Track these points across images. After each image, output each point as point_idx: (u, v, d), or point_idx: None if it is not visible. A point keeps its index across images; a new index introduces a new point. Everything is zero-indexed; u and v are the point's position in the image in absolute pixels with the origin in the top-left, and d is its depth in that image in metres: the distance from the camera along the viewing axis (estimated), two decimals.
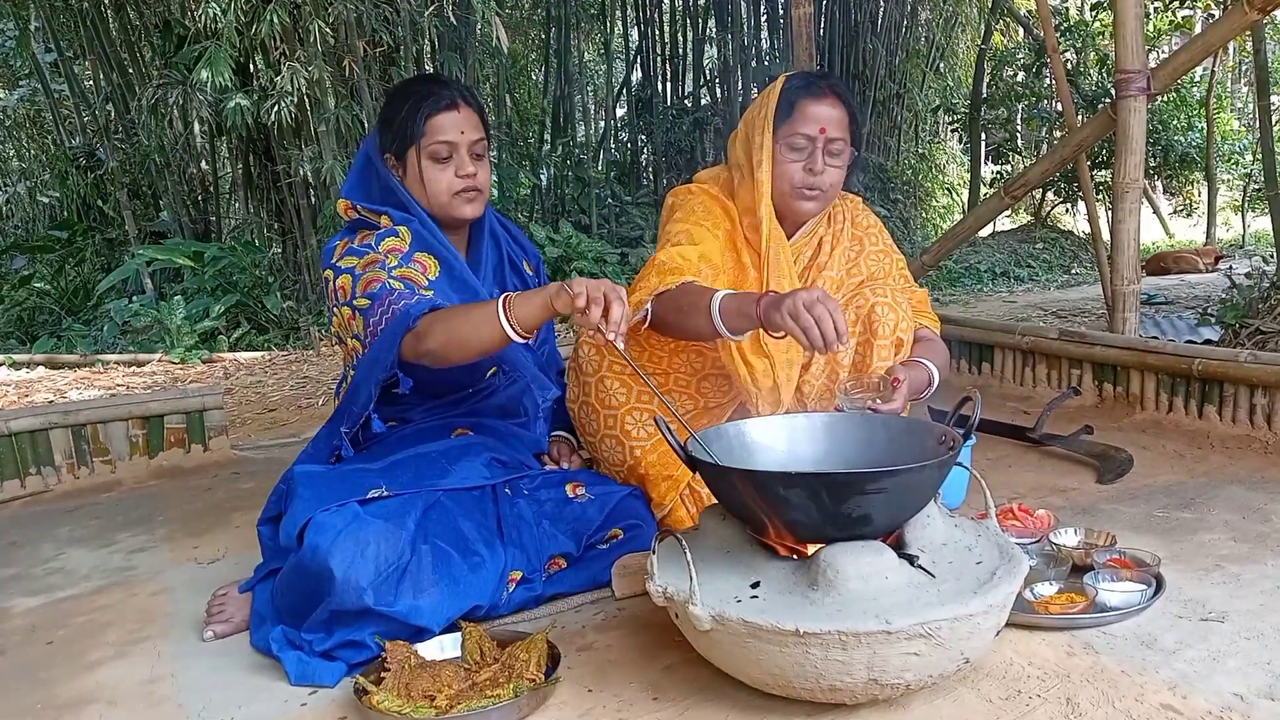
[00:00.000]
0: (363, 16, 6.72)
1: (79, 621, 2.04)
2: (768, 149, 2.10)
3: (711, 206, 2.18)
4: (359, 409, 1.96)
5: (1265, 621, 1.68)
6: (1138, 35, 3.62)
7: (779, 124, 2.10)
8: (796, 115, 2.08)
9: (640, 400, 2.15)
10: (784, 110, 2.10)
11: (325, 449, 2.05)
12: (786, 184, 2.11)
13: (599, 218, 9.51)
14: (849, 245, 2.26)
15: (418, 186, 2.07)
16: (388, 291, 1.91)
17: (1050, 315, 6.25)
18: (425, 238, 2.06)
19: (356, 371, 1.98)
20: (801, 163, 2.09)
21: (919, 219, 11.61)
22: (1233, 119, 13.43)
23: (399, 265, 1.98)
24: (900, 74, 11.06)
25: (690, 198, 2.21)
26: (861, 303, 2.11)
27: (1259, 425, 2.79)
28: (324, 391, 4.85)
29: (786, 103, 2.10)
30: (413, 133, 2.04)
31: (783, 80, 2.15)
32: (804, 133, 2.08)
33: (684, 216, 2.16)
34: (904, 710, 1.46)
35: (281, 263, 7.99)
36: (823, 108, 2.08)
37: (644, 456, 2.13)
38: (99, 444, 3.16)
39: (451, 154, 2.05)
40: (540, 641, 1.63)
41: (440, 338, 1.79)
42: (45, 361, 6.21)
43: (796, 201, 2.13)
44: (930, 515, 1.59)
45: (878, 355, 2.09)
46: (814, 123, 2.07)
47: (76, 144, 9.31)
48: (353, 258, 2.00)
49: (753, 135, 2.13)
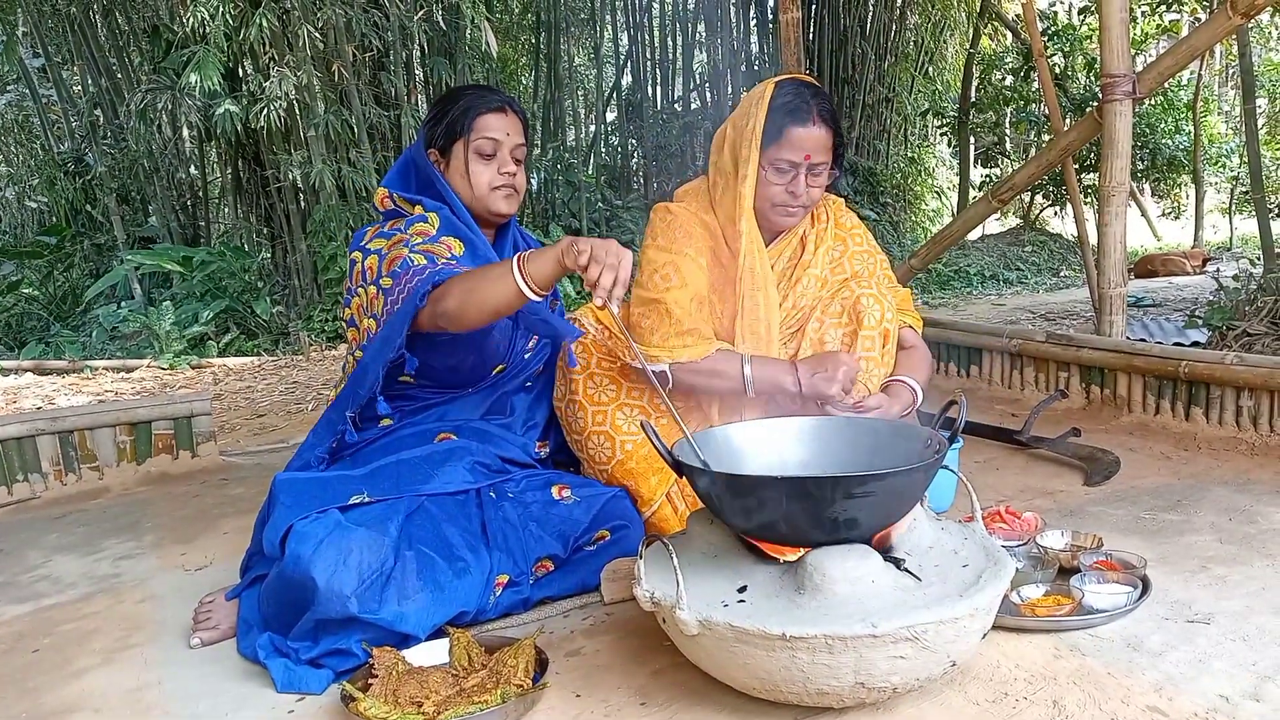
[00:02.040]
0: (352, 21, 6.73)
1: (66, 629, 2.03)
2: (753, 165, 2.11)
3: (692, 229, 2.19)
4: (365, 390, 1.96)
5: (1251, 623, 1.69)
6: (1123, 39, 3.63)
7: (765, 144, 2.11)
8: (784, 141, 2.09)
9: (630, 396, 2.17)
10: (771, 133, 2.11)
11: (328, 435, 2.04)
12: (767, 203, 2.14)
13: (589, 221, 9.51)
14: (833, 244, 2.28)
15: (460, 179, 2.15)
16: (406, 269, 1.93)
17: (1039, 318, 6.27)
18: (454, 223, 2.12)
19: (366, 352, 1.99)
20: (784, 185, 2.12)
21: (908, 222, 11.64)
22: (1219, 122, 13.50)
23: (424, 243, 2.01)
24: (889, 78, 11.11)
25: (671, 219, 2.21)
26: (847, 295, 2.17)
27: (1245, 427, 2.81)
28: (314, 397, 4.84)
29: (775, 126, 2.10)
30: (462, 127, 2.13)
31: (771, 90, 2.14)
32: (789, 159, 2.10)
33: (666, 244, 2.17)
34: (891, 713, 1.46)
35: (271, 268, 7.98)
36: (809, 134, 2.10)
37: (634, 451, 2.14)
38: (87, 450, 3.14)
39: (496, 151, 2.15)
40: (528, 647, 1.63)
41: (458, 298, 1.81)
42: (33, 368, 6.18)
43: (775, 217, 2.17)
44: (916, 518, 1.59)
45: (862, 345, 2.13)
46: (799, 150, 2.09)
47: (65, 149, 9.28)
48: (381, 240, 2.05)
49: (739, 148, 2.14)
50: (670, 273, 2.12)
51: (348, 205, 7.01)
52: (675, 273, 2.12)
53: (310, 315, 7.10)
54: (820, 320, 2.17)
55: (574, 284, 7.90)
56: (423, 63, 7.95)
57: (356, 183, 6.94)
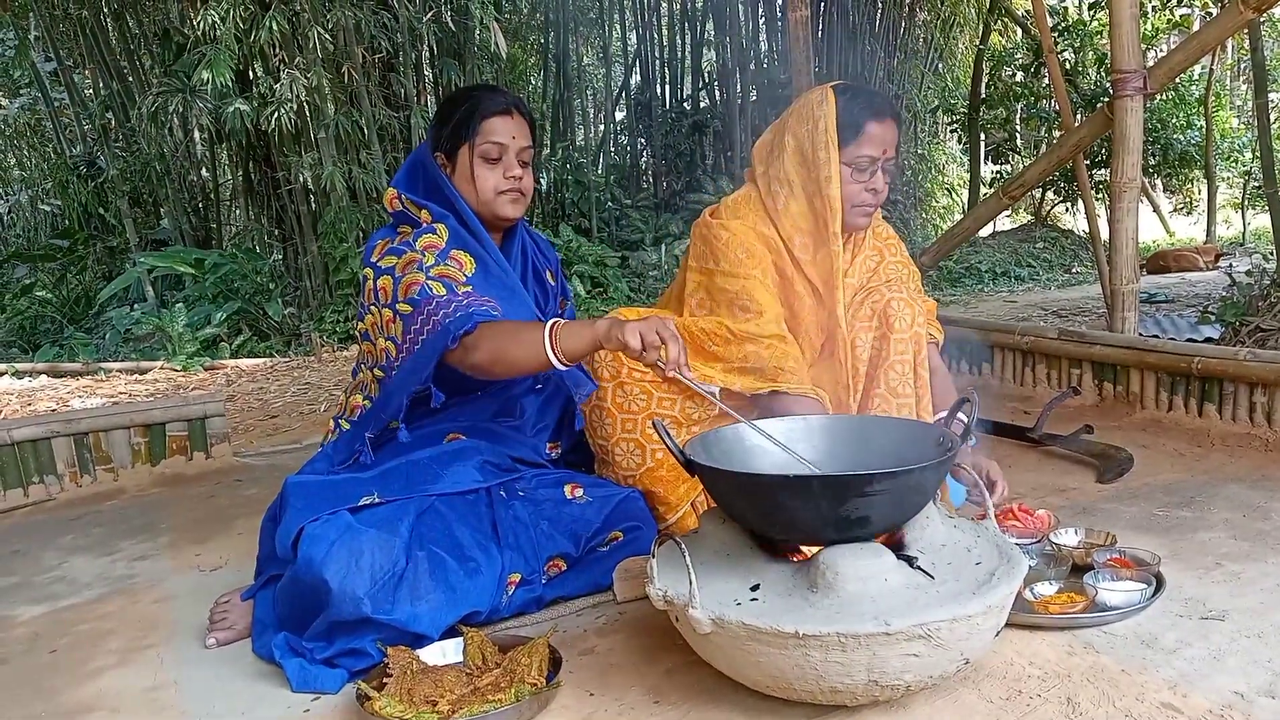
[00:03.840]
0: (361, 23, 6.74)
1: (82, 630, 2.05)
2: (835, 166, 2.11)
3: (753, 246, 2.18)
4: (388, 416, 1.99)
5: (1266, 620, 1.68)
6: (1134, 35, 3.62)
7: (844, 144, 2.12)
8: (864, 138, 2.11)
9: (662, 406, 2.15)
10: (849, 130, 2.11)
11: (346, 451, 2.06)
12: (847, 204, 2.14)
13: (599, 221, 9.52)
14: (870, 254, 2.28)
15: (465, 184, 2.13)
16: (428, 299, 1.93)
17: (1050, 315, 6.25)
18: (463, 235, 2.11)
19: (392, 380, 2.01)
20: (864, 183, 2.13)
21: (919, 219, 11.60)
22: (1231, 117, 13.42)
23: (436, 263, 2.01)
24: (899, 75, 11.06)
25: (729, 237, 2.19)
26: (878, 299, 2.16)
27: (1259, 423, 2.79)
28: (326, 398, 4.85)
29: (852, 123, 2.11)
30: (467, 131, 2.11)
31: (832, 96, 2.14)
32: (869, 154, 2.11)
33: (731, 269, 2.16)
34: (904, 711, 1.46)
35: (282, 269, 8.01)
36: (887, 128, 2.12)
37: (665, 459, 2.13)
38: (101, 452, 3.16)
39: (501, 155, 2.12)
40: (541, 646, 1.63)
41: (488, 354, 1.84)
42: (47, 370, 6.22)
43: (854, 219, 2.17)
44: (929, 516, 1.59)
45: (895, 350, 2.11)
46: (880, 145, 2.11)
47: (77, 152, 9.33)
48: (392, 257, 2.04)
49: (815, 152, 2.13)
50: (748, 304, 2.12)
51: (358, 206, 7.03)
52: (753, 304, 2.12)
53: (322, 317, 7.12)
54: (850, 325, 2.17)
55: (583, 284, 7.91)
56: (432, 64, 7.97)
57: (367, 184, 6.96)
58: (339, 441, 2.11)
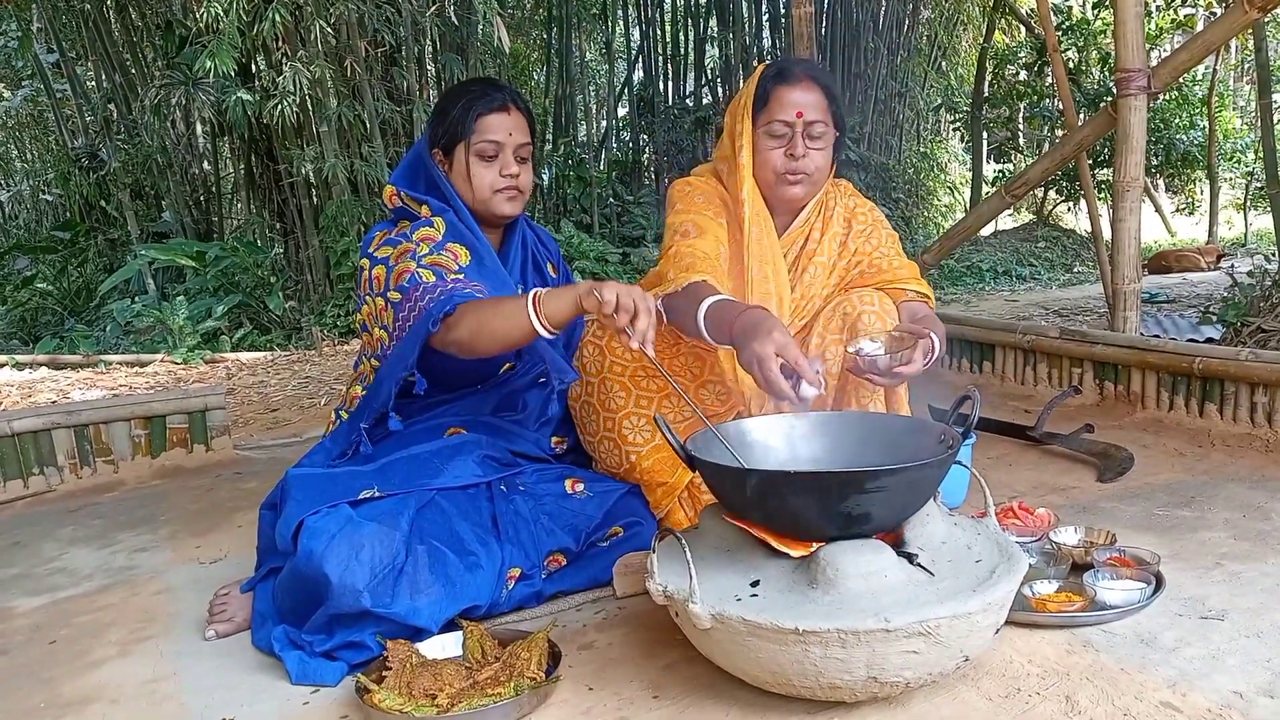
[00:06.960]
0: (364, 16, 6.73)
1: (82, 621, 2.05)
2: (747, 135, 2.14)
3: (711, 195, 2.22)
4: (379, 405, 1.98)
5: (1265, 619, 1.68)
6: (1138, 34, 3.62)
7: (757, 112, 2.14)
8: (773, 103, 2.12)
9: (639, 405, 2.14)
10: (760, 100, 2.14)
11: (345, 441, 2.06)
12: (770, 171, 2.14)
13: (601, 217, 9.52)
14: (839, 230, 2.27)
15: (462, 182, 2.11)
16: (415, 285, 1.92)
17: (1052, 314, 6.25)
18: (460, 229, 2.10)
19: (382, 367, 2.00)
20: (782, 148, 2.12)
21: (921, 218, 11.60)
22: (1234, 117, 13.42)
23: (430, 253, 2.00)
24: (902, 73, 11.06)
25: (690, 188, 2.25)
26: (849, 309, 2.11)
27: (1260, 424, 2.79)
28: (326, 391, 4.85)
29: (762, 91, 2.14)
30: (463, 130, 2.09)
31: (760, 69, 2.20)
32: (781, 119, 2.11)
33: (686, 207, 2.19)
34: (904, 708, 1.46)
35: (284, 263, 8.00)
36: (796, 93, 2.11)
37: (639, 462, 2.12)
38: (101, 444, 3.16)
39: (498, 153, 2.10)
40: (541, 640, 1.63)
41: (470, 328, 1.80)
42: (48, 362, 6.22)
43: (782, 187, 2.15)
44: (930, 514, 1.59)
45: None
46: (790, 108, 2.10)
47: (79, 144, 9.33)
48: (388, 248, 2.03)
49: (734, 125, 2.17)
50: (690, 230, 2.12)
51: (360, 200, 7.03)
52: (695, 229, 2.12)
53: (322, 310, 7.12)
54: (822, 335, 2.14)
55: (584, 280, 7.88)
56: (435, 58, 7.96)
57: (369, 177, 6.96)
58: (337, 433, 2.11)
